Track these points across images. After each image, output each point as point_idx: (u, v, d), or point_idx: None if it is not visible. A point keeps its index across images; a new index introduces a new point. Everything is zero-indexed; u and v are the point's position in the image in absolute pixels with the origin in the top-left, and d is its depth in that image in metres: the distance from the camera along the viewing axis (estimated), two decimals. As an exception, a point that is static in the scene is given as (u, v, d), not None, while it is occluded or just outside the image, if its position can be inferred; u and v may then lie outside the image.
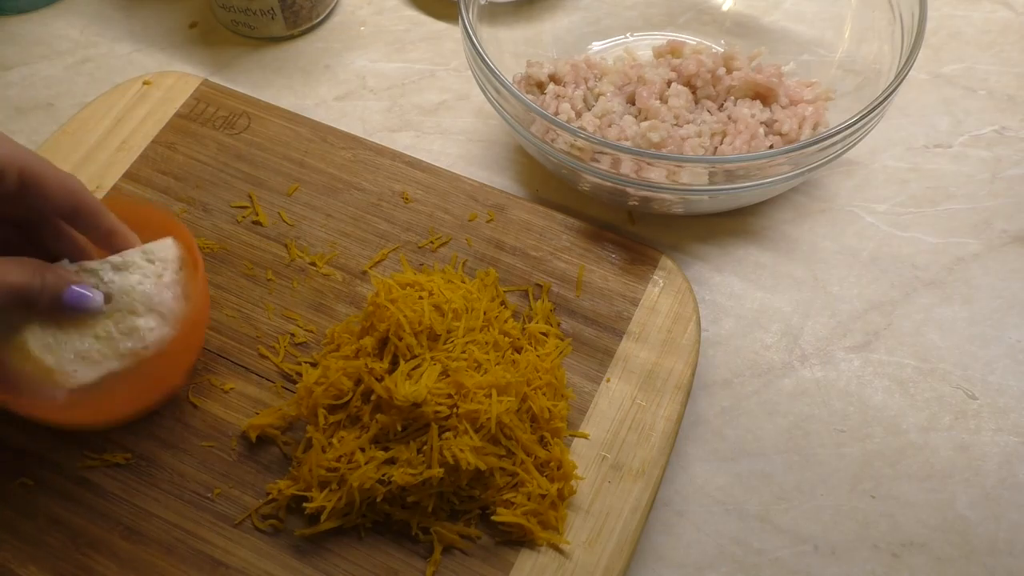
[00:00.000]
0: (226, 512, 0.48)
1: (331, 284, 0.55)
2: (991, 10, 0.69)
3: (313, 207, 0.58)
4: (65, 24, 0.70)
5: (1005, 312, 0.56)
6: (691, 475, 0.51)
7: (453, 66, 0.67)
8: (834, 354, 0.55)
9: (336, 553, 0.47)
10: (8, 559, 0.46)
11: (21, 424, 0.47)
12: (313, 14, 0.68)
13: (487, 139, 0.64)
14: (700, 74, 0.59)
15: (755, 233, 0.59)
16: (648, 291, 0.54)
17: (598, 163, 0.52)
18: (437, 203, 0.58)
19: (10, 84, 0.67)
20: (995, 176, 0.61)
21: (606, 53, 0.66)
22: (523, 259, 0.56)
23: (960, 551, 0.49)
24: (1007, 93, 0.65)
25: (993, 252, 0.58)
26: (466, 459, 0.45)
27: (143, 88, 0.63)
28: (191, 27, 0.70)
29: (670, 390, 0.51)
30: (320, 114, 0.64)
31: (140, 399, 0.49)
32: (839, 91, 0.59)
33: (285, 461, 0.49)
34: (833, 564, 0.49)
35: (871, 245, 0.59)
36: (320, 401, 0.48)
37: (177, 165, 0.60)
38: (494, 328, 0.50)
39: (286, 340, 0.53)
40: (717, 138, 0.57)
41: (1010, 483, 0.51)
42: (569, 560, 0.46)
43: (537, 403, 0.48)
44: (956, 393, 0.53)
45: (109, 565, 0.46)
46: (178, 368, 0.50)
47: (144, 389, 0.49)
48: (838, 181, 0.61)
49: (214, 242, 0.57)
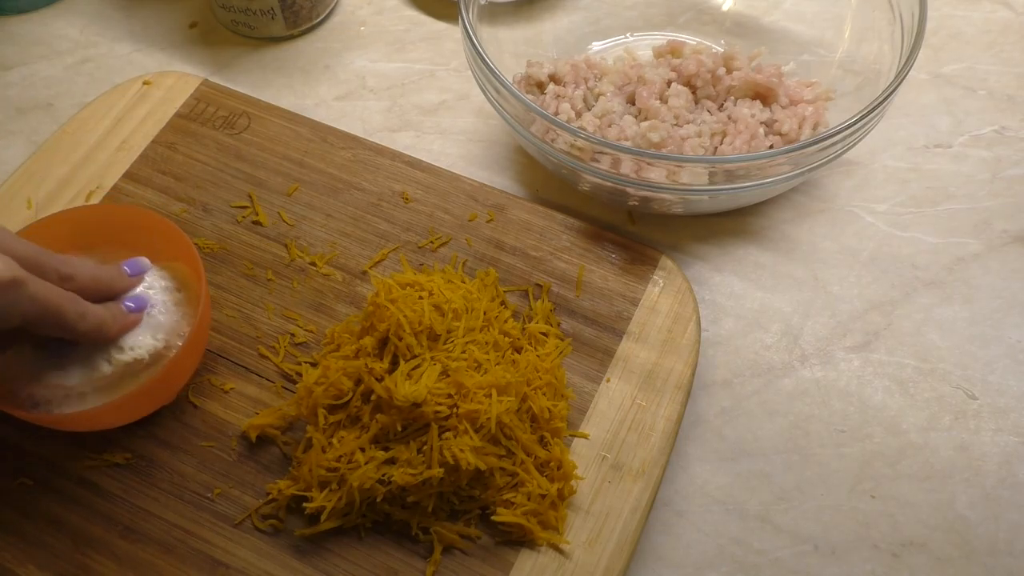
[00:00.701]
0: (226, 512, 0.48)
1: (331, 284, 0.55)
2: (991, 10, 0.69)
3: (313, 207, 0.58)
4: (65, 24, 0.70)
5: (1005, 312, 0.56)
6: (691, 475, 0.51)
7: (453, 66, 0.67)
8: (834, 354, 0.55)
9: (336, 553, 0.47)
10: (8, 559, 0.47)
11: (21, 424, 0.47)
12: (313, 14, 0.68)
13: (487, 139, 0.64)
14: (700, 74, 0.59)
15: (755, 233, 0.59)
16: (648, 291, 0.54)
17: (598, 163, 0.52)
18: (437, 203, 0.58)
19: (10, 84, 0.67)
20: (995, 176, 0.61)
21: (606, 53, 0.66)
22: (523, 259, 0.56)
23: (960, 551, 0.49)
24: (1007, 93, 0.65)
25: (993, 252, 0.58)
26: (466, 459, 0.45)
27: (143, 88, 0.63)
28: (191, 27, 0.70)
29: (670, 390, 0.51)
30: (320, 114, 0.64)
31: (133, 415, 0.49)
32: (839, 91, 0.59)
33: (285, 461, 0.49)
34: (833, 564, 0.49)
35: (871, 245, 0.59)
36: (320, 401, 0.48)
37: (177, 165, 0.60)
38: (494, 328, 0.50)
39: (286, 340, 0.53)
40: (717, 138, 0.57)
41: (1010, 483, 0.51)
42: (569, 560, 0.46)
43: (537, 403, 0.48)
44: (956, 393, 0.53)
45: (109, 565, 0.46)
46: (177, 384, 0.50)
47: (137, 408, 0.49)
48: (838, 181, 0.61)
49: (214, 242, 0.57)
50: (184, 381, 0.50)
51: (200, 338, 0.49)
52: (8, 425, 0.49)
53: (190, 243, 0.49)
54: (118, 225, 0.51)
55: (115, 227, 0.51)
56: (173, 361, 0.47)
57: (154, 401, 0.49)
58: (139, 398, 0.47)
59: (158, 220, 0.50)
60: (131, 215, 0.52)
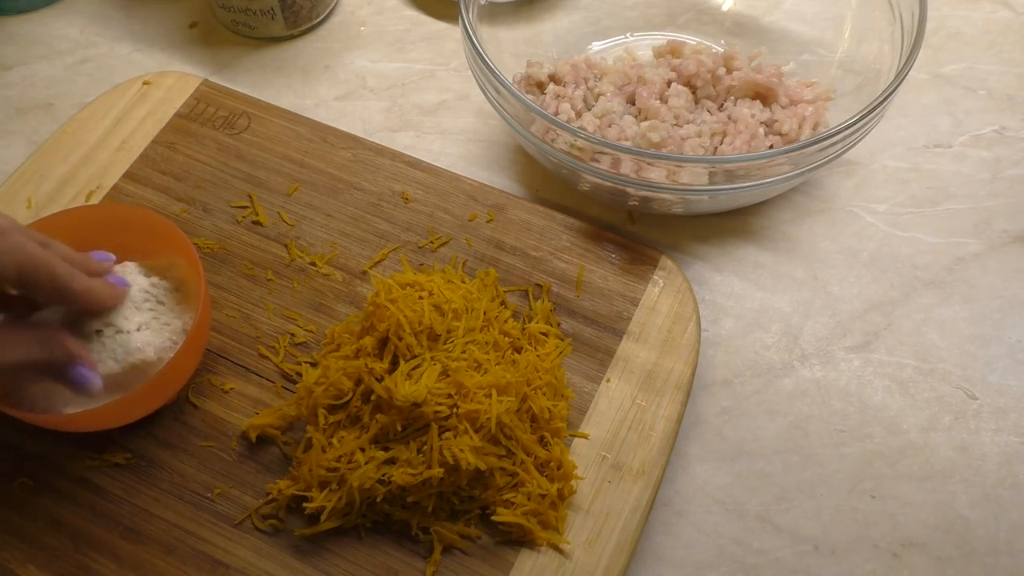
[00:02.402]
0: (226, 512, 0.48)
1: (331, 284, 0.55)
2: (991, 10, 0.69)
3: (313, 207, 0.58)
4: (65, 24, 0.70)
5: (1005, 312, 0.56)
6: (691, 475, 0.51)
7: (453, 66, 0.67)
8: (834, 354, 0.55)
9: (336, 553, 0.47)
10: (8, 559, 0.47)
11: (21, 424, 0.47)
12: (313, 14, 0.68)
13: (487, 139, 0.64)
14: (700, 74, 0.59)
15: (755, 233, 0.59)
16: (648, 291, 0.54)
17: (598, 163, 0.52)
18: (437, 203, 0.58)
19: (10, 84, 0.67)
20: (995, 176, 0.61)
21: (606, 53, 0.66)
22: (523, 259, 0.56)
23: (960, 551, 0.49)
24: (1007, 93, 0.65)
25: (993, 252, 0.58)
26: (466, 459, 0.45)
27: (143, 88, 0.63)
28: (191, 27, 0.70)
29: (670, 390, 0.51)
30: (320, 114, 0.64)
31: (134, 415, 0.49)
32: (839, 91, 0.59)
33: (285, 461, 0.49)
34: (833, 564, 0.49)
35: (871, 245, 0.59)
36: (320, 401, 0.48)
37: (177, 165, 0.60)
38: (494, 328, 0.50)
39: (286, 340, 0.53)
40: (717, 138, 0.57)
41: (1010, 483, 0.51)
42: (569, 560, 0.46)
43: (537, 403, 0.48)
44: (956, 393, 0.53)
45: (109, 565, 0.46)
46: (177, 383, 0.50)
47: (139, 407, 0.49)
48: (838, 181, 0.61)
49: (214, 242, 0.57)
50: (184, 380, 0.50)
51: (200, 337, 0.49)
52: (8, 425, 0.49)
53: (188, 241, 0.49)
54: (115, 225, 0.51)
55: (112, 227, 0.51)
56: (174, 360, 0.47)
57: (156, 400, 0.49)
58: (140, 398, 0.47)
59: (156, 219, 0.50)
60: (129, 215, 0.52)
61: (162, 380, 0.47)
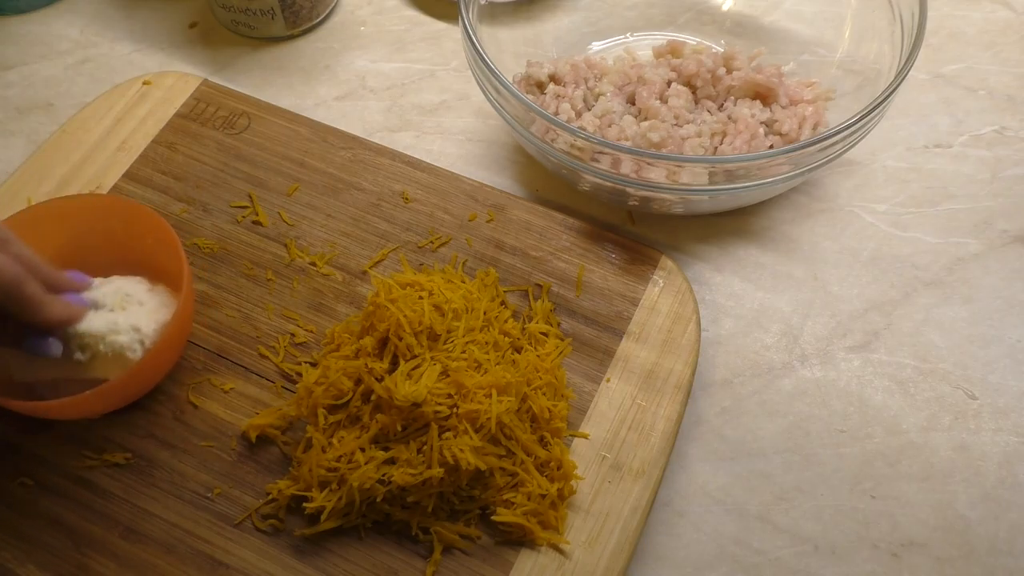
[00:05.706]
0: (226, 512, 0.48)
1: (331, 284, 0.55)
2: (991, 10, 0.69)
3: (313, 207, 0.58)
4: (65, 24, 0.70)
5: (1005, 312, 0.56)
6: (691, 475, 0.51)
7: (453, 66, 0.67)
8: (834, 354, 0.55)
9: (336, 553, 0.47)
10: (8, 559, 0.47)
11: (21, 424, 0.47)
12: (313, 14, 0.68)
13: (487, 139, 0.64)
14: (700, 74, 0.59)
15: (755, 233, 0.59)
16: (648, 291, 0.54)
17: (598, 163, 0.52)
18: (437, 203, 0.58)
19: (10, 84, 0.67)
20: (995, 176, 0.61)
21: (606, 53, 0.66)
22: (523, 259, 0.56)
23: (960, 551, 0.49)
24: (1007, 93, 0.65)
25: (993, 252, 0.58)
26: (466, 459, 0.45)
27: (143, 88, 0.63)
28: (191, 27, 0.70)
29: (670, 390, 0.51)
30: (320, 114, 0.64)
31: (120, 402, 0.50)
32: (839, 91, 0.59)
33: (285, 461, 0.49)
34: (833, 564, 0.49)
35: (871, 245, 0.59)
36: (320, 401, 0.48)
37: (177, 165, 0.60)
38: (494, 328, 0.50)
39: (286, 340, 0.53)
40: (717, 138, 0.57)
41: (1010, 483, 0.51)
42: (569, 560, 0.46)
43: (537, 403, 0.48)
44: (956, 393, 0.53)
45: (109, 565, 0.46)
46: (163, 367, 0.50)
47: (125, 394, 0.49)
48: (838, 181, 0.61)
49: (214, 242, 0.57)
50: (171, 362, 0.50)
51: (185, 314, 0.49)
52: (8, 425, 0.49)
53: (167, 225, 0.49)
54: (96, 214, 0.51)
55: (93, 216, 0.51)
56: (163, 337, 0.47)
57: (140, 386, 0.49)
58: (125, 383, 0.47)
59: (134, 207, 0.51)
60: (106, 205, 0.52)
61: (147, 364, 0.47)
